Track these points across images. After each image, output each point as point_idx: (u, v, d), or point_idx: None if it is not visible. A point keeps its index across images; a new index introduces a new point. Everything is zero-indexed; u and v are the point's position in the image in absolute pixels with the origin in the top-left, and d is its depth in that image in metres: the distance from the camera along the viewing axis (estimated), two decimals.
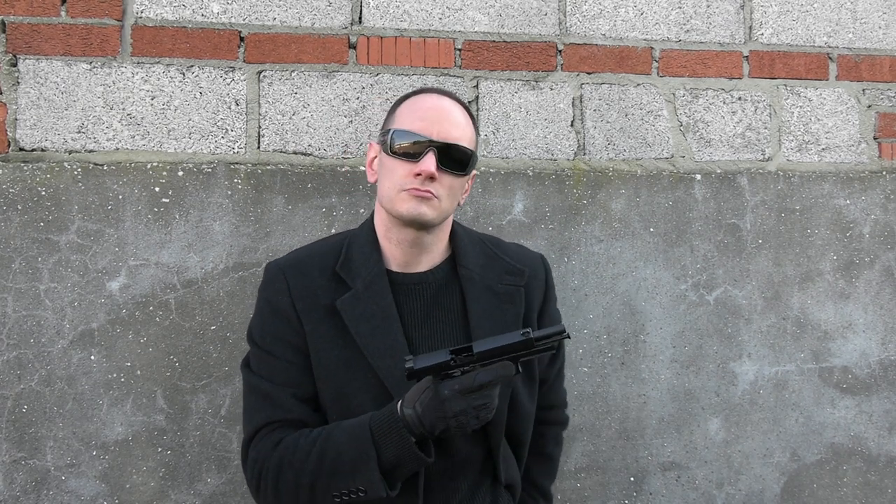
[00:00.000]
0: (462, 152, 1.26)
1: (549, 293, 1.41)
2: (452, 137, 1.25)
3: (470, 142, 1.29)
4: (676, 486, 1.97)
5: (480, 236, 1.43)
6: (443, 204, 1.26)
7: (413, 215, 1.23)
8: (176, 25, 1.85)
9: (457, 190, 1.29)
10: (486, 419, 1.15)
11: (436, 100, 1.29)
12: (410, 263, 1.32)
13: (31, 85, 1.79)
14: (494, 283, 1.33)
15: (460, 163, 1.26)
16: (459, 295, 1.32)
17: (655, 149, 2.05)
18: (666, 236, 2.01)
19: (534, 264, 1.41)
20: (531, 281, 1.37)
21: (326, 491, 1.18)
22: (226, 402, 1.78)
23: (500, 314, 1.30)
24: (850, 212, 2.11)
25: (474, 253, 1.36)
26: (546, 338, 1.13)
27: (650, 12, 2.08)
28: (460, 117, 1.29)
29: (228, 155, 1.86)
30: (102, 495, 1.72)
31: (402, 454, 1.15)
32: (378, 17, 1.94)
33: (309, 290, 1.29)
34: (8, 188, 1.74)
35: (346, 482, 1.16)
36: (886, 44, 2.19)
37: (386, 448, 1.15)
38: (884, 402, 2.08)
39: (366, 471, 1.15)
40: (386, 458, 1.15)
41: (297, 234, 1.83)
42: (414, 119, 1.25)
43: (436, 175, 1.22)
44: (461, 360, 1.13)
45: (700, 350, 2.00)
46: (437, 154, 1.23)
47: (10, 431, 1.70)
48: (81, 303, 1.74)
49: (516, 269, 1.36)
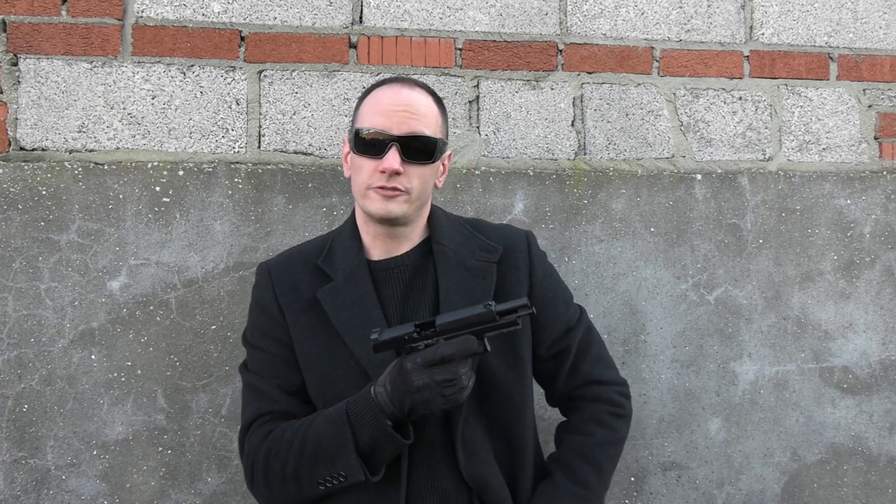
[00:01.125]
0: (425, 141, 1.26)
1: (534, 266, 1.37)
2: (413, 129, 1.25)
3: (435, 128, 1.29)
4: (677, 485, 1.97)
5: (461, 219, 1.43)
6: (413, 195, 1.27)
7: (381, 214, 1.26)
8: (177, 25, 1.85)
9: (428, 177, 1.29)
10: (456, 400, 1.12)
11: (395, 92, 1.28)
12: (390, 251, 1.34)
13: (32, 84, 1.79)
14: (468, 258, 1.33)
15: (425, 152, 1.26)
16: (434, 273, 1.32)
17: (656, 148, 2.05)
18: (666, 236, 2.01)
19: (512, 241, 1.38)
20: (507, 257, 1.35)
21: (310, 478, 1.19)
22: (226, 401, 1.78)
23: (469, 289, 1.30)
24: (850, 212, 2.11)
25: (451, 232, 1.37)
26: (508, 311, 1.11)
27: (651, 12, 2.08)
28: (421, 106, 1.28)
29: (229, 154, 1.86)
30: (103, 495, 1.72)
31: (377, 435, 1.14)
32: (379, 16, 1.94)
33: (292, 285, 1.33)
34: (8, 187, 1.74)
35: (327, 468, 1.17)
36: (887, 44, 2.19)
37: (362, 431, 1.15)
38: (884, 402, 2.08)
39: (344, 455, 1.15)
40: (363, 440, 1.15)
41: (298, 234, 1.84)
42: (375, 115, 1.26)
43: (401, 170, 1.23)
44: (424, 333, 1.13)
45: (700, 350, 2.00)
46: (399, 148, 1.23)
47: (11, 431, 1.70)
48: (82, 302, 1.74)
49: (490, 247, 1.36)
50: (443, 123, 1.33)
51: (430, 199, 1.37)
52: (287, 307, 1.31)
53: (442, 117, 1.33)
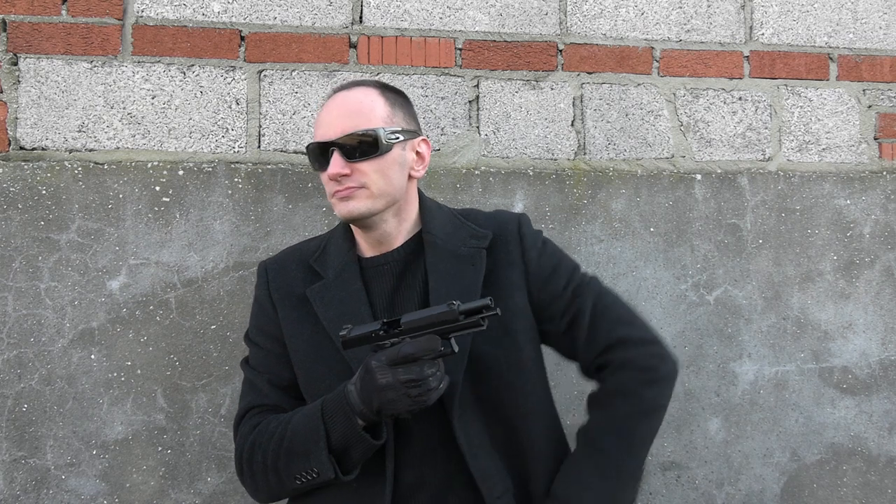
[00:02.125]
0: (362, 136, 1.24)
1: (526, 247, 1.34)
2: (347, 128, 1.24)
3: (375, 120, 1.26)
4: (676, 485, 1.97)
5: (454, 210, 1.42)
6: (374, 189, 1.25)
7: (345, 215, 1.27)
8: (176, 25, 1.85)
9: (386, 169, 1.26)
10: (423, 402, 1.11)
11: (331, 100, 1.29)
12: (382, 247, 1.33)
13: (32, 84, 1.79)
14: (458, 247, 1.32)
15: (368, 146, 1.24)
16: (424, 266, 1.31)
17: (656, 149, 2.05)
18: (666, 236, 2.01)
19: (502, 225, 1.36)
20: (497, 241, 1.33)
21: (287, 472, 1.20)
22: (226, 401, 1.78)
23: (459, 276, 1.28)
24: (850, 212, 2.11)
25: (442, 222, 1.35)
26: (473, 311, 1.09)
27: (651, 12, 2.08)
28: (356, 103, 1.27)
29: (229, 154, 1.86)
30: (102, 494, 1.72)
31: (348, 434, 1.14)
32: (379, 16, 1.94)
33: (285, 282, 1.35)
34: (8, 187, 1.74)
35: (301, 463, 1.18)
36: (887, 44, 2.19)
37: (334, 428, 1.15)
38: (884, 403, 2.08)
39: (316, 452, 1.16)
40: (335, 438, 1.15)
41: (298, 234, 1.84)
42: (316, 127, 1.29)
43: (345, 171, 1.23)
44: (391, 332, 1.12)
45: (700, 350, 2.00)
46: (340, 150, 1.23)
47: (10, 430, 1.70)
48: (82, 302, 1.74)
49: (480, 234, 1.34)
50: (393, 113, 1.29)
51: (410, 191, 1.33)
52: (279, 304, 1.34)
53: (392, 107, 1.30)
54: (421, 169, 1.34)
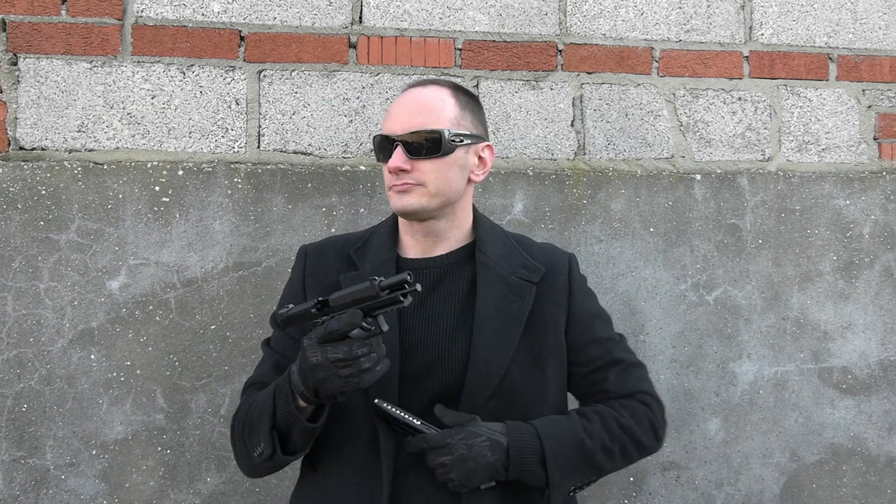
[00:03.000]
0: (426, 135, 1.25)
1: (573, 290, 1.37)
2: (414, 126, 1.25)
3: (445, 121, 1.27)
4: (676, 486, 1.97)
5: (507, 232, 1.43)
6: (431, 188, 1.26)
7: (399, 209, 1.28)
8: (176, 25, 1.85)
9: (447, 169, 1.27)
10: (356, 384, 1.09)
11: (404, 94, 1.32)
12: (426, 251, 1.34)
13: (32, 84, 1.79)
14: (508, 273, 1.32)
15: (431, 145, 1.25)
16: (469, 280, 1.31)
17: (655, 149, 2.05)
18: (666, 236, 2.01)
19: (554, 263, 1.38)
20: (547, 278, 1.35)
21: (250, 445, 1.22)
22: (225, 401, 1.78)
23: (506, 304, 1.29)
24: (849, 212, 2.11)
25: (495, 243, 1.36)
26: (394, 286, 1.07)
27: (650, 12, 2.08)
28: (427, 101, 1.28)
29: (228, 154, 1.86)
30: (102, 494, 1.72)
31: (287, 413, 1.15)
32: (378, 16, 1.94)
33: (321, 269, 1.36)
34: (8, 187, 1.74)
35: (255, 437, 1.20)
36: (886, 44, 2.19)
37: (279, 406, 1.16)
38: (883, 403, 2.08)
39: (261, 425, 1.18)
40: (279, 415, 1.16)
41: (298, 234, 1.84)
42: (385, 120, 1.31)
43: (406, 167, 1.24)
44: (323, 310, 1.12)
45: (700, 350, 2.00)
46: (403, 147, 1.25)
47: (10, 430, 1.70)
48: (81, 302, 1.74)
49: (533, 266, 1.35)
50: (462, 115, 1.31)
51: (467, 195, 1.35)
52: (310, 288, 1.34)
53: (462, 109, 1.31)
54: (481, 174, 1.35)
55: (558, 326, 1.33)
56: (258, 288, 1.80)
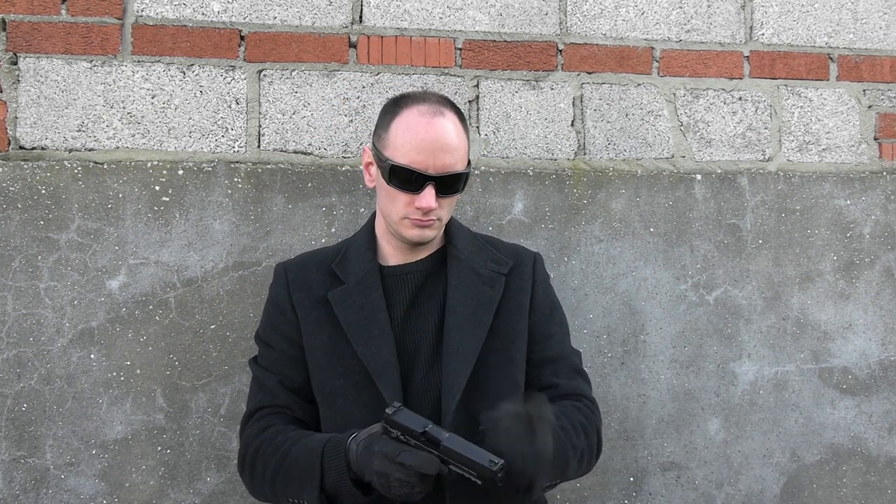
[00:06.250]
0: (457, 178, 1.30)
1: (536, 282, 1.44)
2: (448, 167, 1.27)
3: (464, 159, 1.32)
4: (676, 486, 1.97)
5: (475, 233, 1.50)
6: (444, 219, 1.35)
7: (416, 240, 1.33)
8: (176, 24, 1.85)
9: (455, 202, 1.37)
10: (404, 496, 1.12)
11: (428, 123, 1.27)
12: (407, 257, 1.40)
13: (32, 83, 1.79)
14: (479, 266, 1.40)
15: (457, 185, 1.31)
16: (445, 279, 1.37)
17: (656, 149, 2.05)
18: (666, 236, 2.01)
19: (521, 258, 1.46)
20: (515, 270, 1.42)
21: (282, 493, 1.25)
22: (225, 401, 1.78)
23: (477, 293, 1.36)
24: (850, 212, 2.11)
25: (465, 241, 1.43)
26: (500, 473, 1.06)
27: (651, 12, 2.08)
28: (454, 137, 1.29)
29: (229, 154, 1.86)
30: (102, 494, 1.72)
31: (339, 484, 1.18)
32: (378, 16, 1.94)
33: (305, 284, 1.39)
34: (8, 186, 1.74)
35: (295, 491, 1.22)
36: (887, 44, 2.19)
37: (329, 473, 1.19)
38: (884, 403, 2.08)
39: (309, 489, 1.20)
40: (328, 481, 1.19)
41: (297, 234, 1.83)
42: (409, 150, 1.26)
43: (436, 206, 1.28)
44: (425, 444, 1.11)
45: (700, 350, 2.00)
46: (435, 186, 1.27)
47: (10, 430, 1.70)
48: (81, 301, 1.74)
49: (501, 260, 1.43)
50: (468, 148, 1.36)
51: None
52: (299, 305, 1.37)
53: (468, 141, 1.36)
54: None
55: (524, 312, 1.39)
56: (258, 288, 1.80)
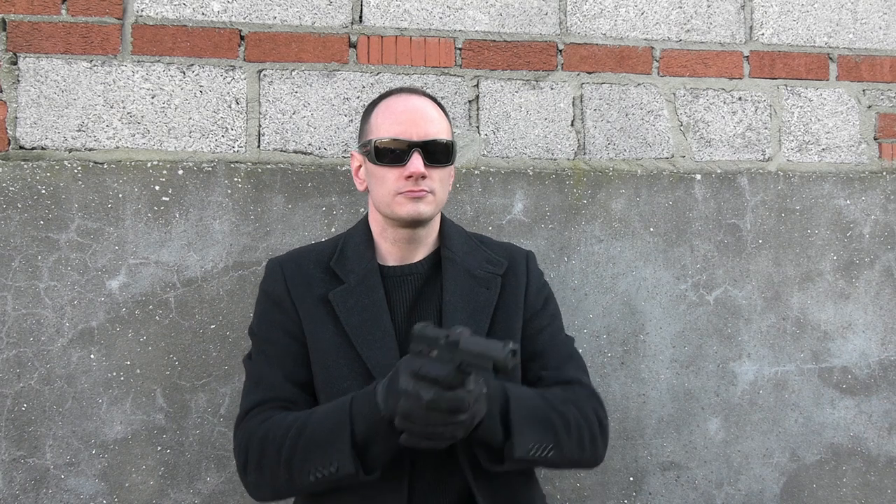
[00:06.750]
0: (443, 145, 1.32)
1: (530, 280, 1.43)
2: (431, 134, 1.31)
3: (447, 133, 1.36)
4: (676, 486, 1.97)
5: (469, 232, 1.49)
6: (437, 196, 1.33)
7: (413, 216, 1.30)
8: (176, 24, 1.85)
9: (447, 178, 1.36)
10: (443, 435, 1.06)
11: (406, 100, 1.34)
12: (405, 257, 1.38)
13: (32, 83, 1.79)
14: (474, 267, 1.39)
15: (444, 154, 1.32)
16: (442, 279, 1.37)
17: (655, 149, 2.05)
18: (666, 236, 2.01)
19: (515, 257, 1.45)
20: (510, 271, 1.42)
21: (302, 467, 1.17)
22: (225, 400, 1.77)
23: (474, 295, 1.35)
24: (850, 212, 2.11)
25: (459, 241, 1.43)
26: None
27: (651, 12, 2.08)
28: (433, 112, 1.34)
29: (228, 154, 1.86)
30: (102, 494, 1.72)
31: (371, 427, 1.13)
32: (378, 16, 1.94)
33: (304, 280, 1.36)
34: (8, 186, 1.74)
35: (320, 456, 1.15)
36: (887, 44, 2.19)
37: (359, 421, 1.14)
38: (883, 403, 2.08)
39: (338, 443, 1.14)
40: (359, 430, 1.14)
41: (297, 233, 1.83)
42: (391, 124, 1.31)
43: (426, 173, 1.29)
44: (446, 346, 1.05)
45: (700, 350, 2.00)
46: (421, 153, 1.29)
47: (10, 430, 1.70)
48: (81, 301, 1.74)
49: (496, 260, 1.42)
50: (450, 127, 1.39)
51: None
52: (299, 301, 1.34)
53: (449, 124, 1.39)
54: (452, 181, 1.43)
55: (520, 312, 1.39)
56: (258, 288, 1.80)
